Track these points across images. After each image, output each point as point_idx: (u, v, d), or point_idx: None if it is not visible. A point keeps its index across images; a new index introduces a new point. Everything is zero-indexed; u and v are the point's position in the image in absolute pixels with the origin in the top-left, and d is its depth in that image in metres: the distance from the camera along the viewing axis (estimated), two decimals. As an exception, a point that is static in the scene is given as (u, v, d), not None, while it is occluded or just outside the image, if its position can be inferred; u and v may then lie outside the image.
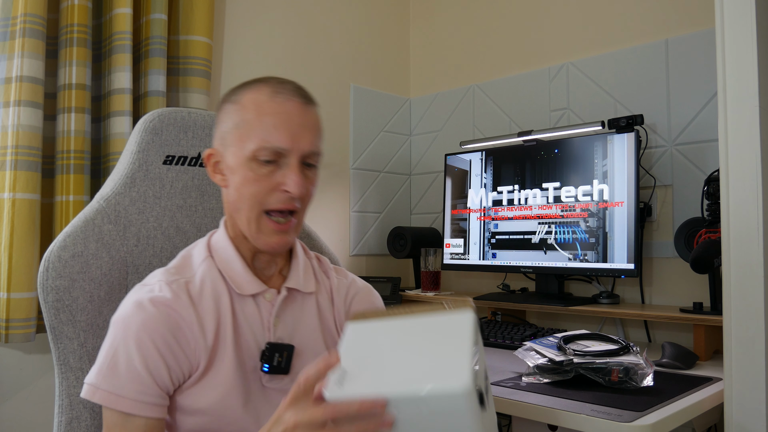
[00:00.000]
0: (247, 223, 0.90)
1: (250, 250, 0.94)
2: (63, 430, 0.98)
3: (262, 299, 0.93)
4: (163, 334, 0.83)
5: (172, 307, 0.85)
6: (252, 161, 0.87)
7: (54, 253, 0.98)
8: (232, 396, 0.87)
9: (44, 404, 1.53)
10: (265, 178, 0.88)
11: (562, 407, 1.04)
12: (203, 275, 0.91)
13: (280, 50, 2.07)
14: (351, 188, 2.27)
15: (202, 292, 0.89)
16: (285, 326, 0.94)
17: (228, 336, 0.88)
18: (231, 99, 0.92)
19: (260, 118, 0.87)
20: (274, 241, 0.90)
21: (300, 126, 0.89)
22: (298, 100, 0.91)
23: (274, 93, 0.89)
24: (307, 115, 0.91)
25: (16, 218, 1.42)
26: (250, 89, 0.91)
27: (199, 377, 0.86)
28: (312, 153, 0.90)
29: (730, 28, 1.08)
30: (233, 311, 0.90)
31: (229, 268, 0.92)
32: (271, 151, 0.87)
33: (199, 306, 0.88)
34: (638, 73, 1.81)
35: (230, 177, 0.91)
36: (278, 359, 0.89)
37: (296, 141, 0.88)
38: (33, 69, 1.44)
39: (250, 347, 0.90)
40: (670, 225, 1.73)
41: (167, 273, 0.90)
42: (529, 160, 1.85)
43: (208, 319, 0.88)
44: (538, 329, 1.62)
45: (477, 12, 2.27)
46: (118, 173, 1.09)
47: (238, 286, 0.91)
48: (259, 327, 0.92)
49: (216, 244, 0.95)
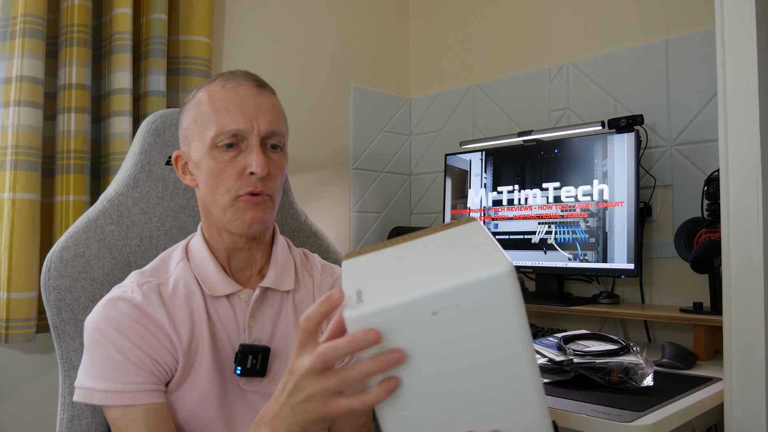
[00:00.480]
0: (223, 212, 0.89)
1: (226, 249, 0.93)
2: (65, 427, 0.98)
3: (237, 300, 0.92)
4: (136, 329, 0.84)
5: (140, 308, 0.86)
6: (213, 149, 0.87)
7: (56, 253, 0.99)
8: (209, 398, 0.87)
9: (44, 404, 1.53)
10: (229, 165, 0.87)
11: (562, 407, 1.04)
12: (177, 277, 0.91)
13: (280, 50, 2.07)
14: (351, 188, 2.27)
15: (175, 293, 0.89)
16: (262, 327, 0.92)
17: (204, 338, 0.88)
18: (188, 99, 0.94)
19: (215, 106, 0.88)
20: (249, 217, 0.88)
21: (255, 107, 0.88)
22: (250, 83, 0.90)
23: (225, 82, 0.90)
24: (262, 98, 0.90)
25: (16, 218, 1.41)
26: (203, 86, 0.92)
27: (180, 381, 0.87)
28: (272, 133, 0.89)
29: (730, 28, 1.08)
30: (208, 313, 0.90)
31: (202, 269, 0.92)
32: (228, 134, 0.87)
33: (171, 307, 0.88)
34: (638, 73, 1.81)
35: (198, 174, 0.91)
36: (252, 362, 0.88)
37: (253, 121, 0.87)
38: (33, 69, 1.44)
39: (226, 349, 0.90)
40: (670, 225, 1.73)
41: (140, 275, 0.90)
42: (529, 160, 1.85)
43: (181, 319, 0.88)
44: (538, 329, 1.62)
45: (477, 12, 2.27)
46: (121, 174, 1.09)
47: (210, 288, 0.91)
48: (234, 328, 0.91)
49: (192, 246, 0.95)
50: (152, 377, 0.84)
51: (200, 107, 0.89)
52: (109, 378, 0.82)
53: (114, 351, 0.83)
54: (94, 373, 0.83)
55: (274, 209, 0.92)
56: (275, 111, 0.91)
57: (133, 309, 0.86)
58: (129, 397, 0.82)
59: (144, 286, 0.88)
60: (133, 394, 0.82)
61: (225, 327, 0.90)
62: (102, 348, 0.83)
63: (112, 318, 0.85)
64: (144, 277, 0.90)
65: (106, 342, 0.83)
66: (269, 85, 0.94)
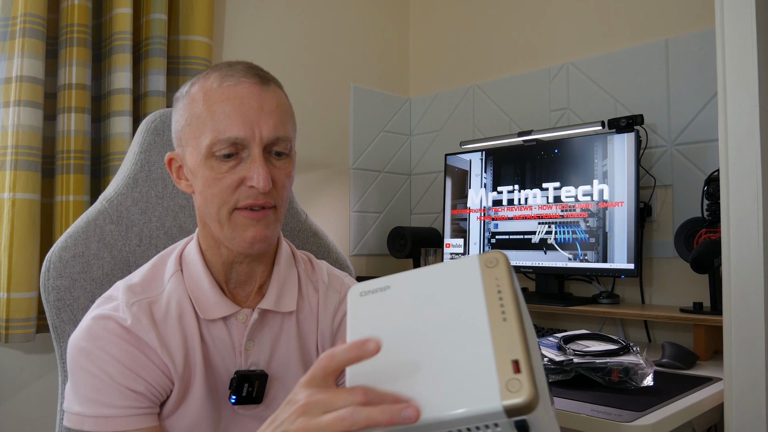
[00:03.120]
0: (220, 227, 0.79)
1: (224, 263, 0.84)
2: (65, 428, 0.98)
3: (234, 321, 0.83)
4: (125, 349, 0.77)
5: (130, 330, 0.78)
6: (210, 159, 0.77)
7: (55, 253, 0.99)
8: (201, 426, 0.81)
9: (44, 404, 1.53)
10: (228, 176, 0.77)
11: (562, 407, 1.04)
12: (170, 294, 0.82)
13: (279, 50, 2.07)
14: (351, 188, 2.27)
15: (168, 315, 0.81)
16: (260, 350, 0.84)
17: (197, 362, 0.81)
18: (180, 94, 0.82)
19: (210, 108, 0.76)
20: (250, 235, 0.78)
21: (257, 110, 0.77)
22: (251, 80, 0.78)
23: (222, 78, 0.78)
24: (265, 97, 0.78)
25: (16, 218, 1.41)
26: (198, 79, 0.80)
27: (174, 407, 0.80)
28: (277, 139, 0.78)
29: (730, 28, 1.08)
30: (201, 336, 0.81)
31: (195, 287, 0.83)
32: (227, 144, 0.76)
33: (164, 331, 0.80)
34: (638, 73, 1.81)
35: (193, 181, 0.81)
36: (248, 389, 0.81)
37: (254, 128, 0.76)
38: (33, 69, 1.44)
39: (221, 373, 0.82)
40: (670, 225, 1.73)
41: (130, 292, 0.81)
42: (529, 160, 1.85)
43: (175, 345, 0.80)
44: (538, 329, 1.62)
45: (477, 12, 2.27)
46: (120, 174, 1.09)
47: (204, 311, 0.82)
48: (230, 351, 0.83)
49: (187, 256, 0.86)
50: (145, 400, 0.77)
51: (194, 108, 0.78)
52: (97, 402, 0.75)
53: (100, 373, 0.75)
54: (82, 397, 0.76)
55: (278, 222, 0.82)
56: (280, 111, 0.79)
57: (121, 330, 0.78)
58: (121, 423, 0.75)
59: (134, 307, 0.79)
60: (125, 419, 0.75)
61: (219, 350, 0.82)
62: (87, 370, 0.76)
63: (98, 337, 0.77)
64: (134, 295, 0.80)
65: (91, 364, 0.76)
66: (274, 78, 0.83)
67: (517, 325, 0.54)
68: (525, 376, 0.51)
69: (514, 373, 0.51)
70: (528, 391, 0.50)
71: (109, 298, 0.82)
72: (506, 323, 0.52)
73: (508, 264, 0.58)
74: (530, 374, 0.51)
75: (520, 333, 0.53)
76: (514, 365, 0.51)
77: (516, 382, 0.51)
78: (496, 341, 0.53)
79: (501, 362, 0.52)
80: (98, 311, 0.79)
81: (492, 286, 0.57)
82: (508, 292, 0.56)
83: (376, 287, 0.61)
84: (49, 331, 1.00)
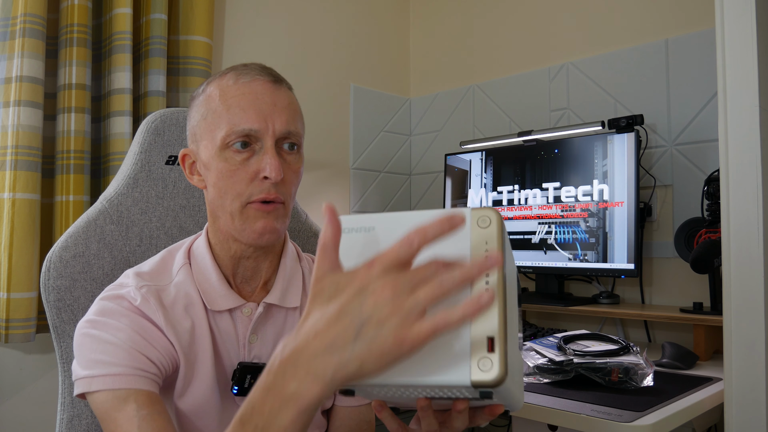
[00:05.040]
0: (231, 219, 0.83)
1: (232, 257, 0.87)
2: (64, 428, 0.98)
3: (240, 314, 0.87)
4: (134, 319, 0.80)
5: (139, 309, 0.81)
6: (224, 150, 0.82)
7: (55, 253, 0.99)
8: (207, 411, 0.84)
9: (44, 404, 1.53)
10: (241, 168, 0.81)
11: (562, 407, 1.04)
12: (178, 285, 0.85)
13: (280, 50, 2.07)
14: (351, 188, 2.27)
15: (175, 302, 0.84)
16: (263, 343, 0.87)
17: (207, 351, 0.84)
18: (197, 93, 0.88)
19: (226, 103, 0.82)
20: (260, 226, 0.82)
21: (270, 105, 0.82)
22: (265, 78, 0.84)
23: (238, 76, 0.84)
24: (278, 94, 0.84)
25: (16, 218, 1.41)
26: (214, 79, 0.86)
27: (183, 389, 0.83)
28: (289, 133, 0.83)
29: (730, 28, 1.08)
30: (210, 326, 0.85)
31: (204, 279, 0.86)
32: (241, 134, 0.81)
33: (172, 314, 0.83)
34: (638, 73, 1.81)
35: (206, 175, 0.85)
36: (250, 381, 0.83)
37: (267, 121, 0.81)
38: (33, 69, 1.44)
39: (226, 365, 0.86)
40: (670, 225, 1.73)
41: (139, 278, 0.84)
42: (529, 160, 1.85)
43: (182, 328, 0.83)
44: (538, 329, 1.62)
45: (477, 12, 2.27)
46: (121, 174, 1.09)
47: (211, 302, 0.85)
48: (234, 343, 0.86)
49: (195, 250, 0.89)
50: (153, 367, 0.78)
51: (210, 103, 0.83)
52: (106, 363, 0.75)
53: (111, 337, 0.77)
54: (89, 361, 0.76)
55: (287, 216, 0.86)
56: (292, 109, 0.85)
57: (132, 306, 0.81)
58: (129, 380, 0.75)
59: (143, 289, 0.82)
60: (134, 377, 0.76)
61: (225, 342, 0.86)
62: (95, 337, 0.77)
63: (109, 311, 0.79)
64: (143, 280, 0.84)
65: (100, 332, 0.77)
66: (286, 80, 0.88)
67: (498, 297, 0.52)
68: (497, 356, 0.51)
69: (488, 352, 0.52)
70: (497, 371, 0.51)
71: (119, 285, 0.85)
72: (487, 293, 0.50)
73: (502, 224, 0.56)
74: (503, 353, 0.51)
75: (500, 306, 0.53)
76: (489, 342, 0.52)
77: (487, 361, 0.51)
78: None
79: (476, 337, 0.52)
80: (108, 293, 0.83)
81: (480, 249, 0.55)
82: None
83: (360, 226, 0.59)
84: (49, 331, 1.00)
